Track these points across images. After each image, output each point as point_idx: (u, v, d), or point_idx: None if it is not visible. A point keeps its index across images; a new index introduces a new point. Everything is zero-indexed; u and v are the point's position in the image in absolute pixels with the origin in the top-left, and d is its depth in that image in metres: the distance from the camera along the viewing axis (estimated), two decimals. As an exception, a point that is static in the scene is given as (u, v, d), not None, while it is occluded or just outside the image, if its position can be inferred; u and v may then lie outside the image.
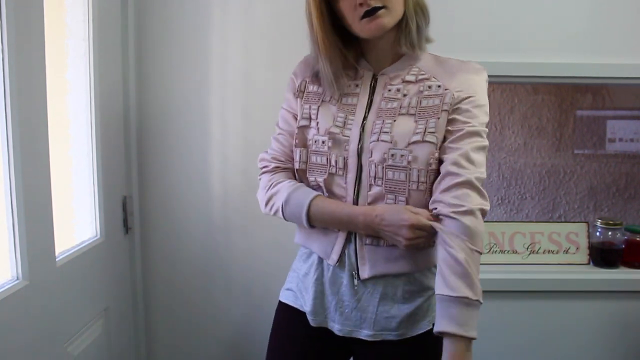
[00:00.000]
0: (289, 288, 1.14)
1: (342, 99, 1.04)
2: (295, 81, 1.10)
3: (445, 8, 1.55)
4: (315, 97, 1.06)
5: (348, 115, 1.02)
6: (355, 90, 1.04)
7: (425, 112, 0.98)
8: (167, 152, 1.58)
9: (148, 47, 1.55)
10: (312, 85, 1.07)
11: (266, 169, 1.10)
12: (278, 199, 1.04)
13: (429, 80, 1.01)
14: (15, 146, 0.97)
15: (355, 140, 1.00)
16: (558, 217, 2.29)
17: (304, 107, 1.06)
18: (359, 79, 1.05)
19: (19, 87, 0.97)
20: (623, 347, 1.69)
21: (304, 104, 1.06)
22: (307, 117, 1.05)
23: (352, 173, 1.00)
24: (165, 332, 1.66)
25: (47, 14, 1.08)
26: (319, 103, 1.05)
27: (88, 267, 1.31)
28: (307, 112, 1.05)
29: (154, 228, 1.61)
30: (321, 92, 1.05)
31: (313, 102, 1.06)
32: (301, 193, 1.02)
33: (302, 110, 1.05)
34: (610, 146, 2.26)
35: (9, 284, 0.98)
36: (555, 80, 1.59)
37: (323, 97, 1.05)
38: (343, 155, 1.00)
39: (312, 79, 1.07)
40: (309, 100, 1.06)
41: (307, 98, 1.06)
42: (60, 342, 1.16)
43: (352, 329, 1.04)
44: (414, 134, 0.96)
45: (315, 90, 1.06)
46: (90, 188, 1.36)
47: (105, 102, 1.39)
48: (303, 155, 1.04)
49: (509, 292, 1.65)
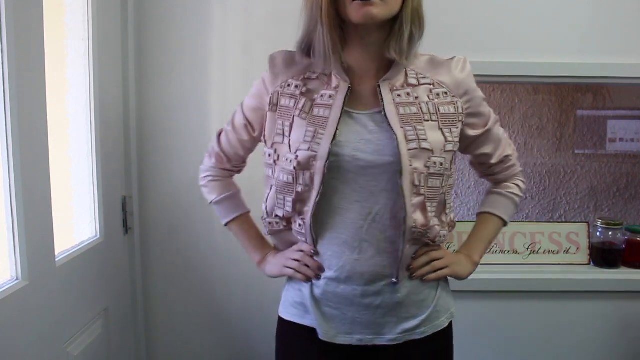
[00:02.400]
0: (293, 304, 1.08)
1: (314, 111, 0.97)
2: (267, 88, 1.03)
3: (445, 8, 1.55)
4: (287, 113, 1.00)
5: (318, 129, 0.95)
6: (329, 101, 0.96)
7: (447, 120, 0.98)
8: (167, 152, 1.58)
9: (148, 47, 1.55)
10: (284, 97, 1.00)
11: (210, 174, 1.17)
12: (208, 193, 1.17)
13: (434, 86, 1.00)
14: (15, 146, 0.97)
15: (324, 157, 0.94)
16: (558, 217, 2.29)
17: (277, 122, 1.00)
18: (332, 89, 0.97)
19: (18, 86, 0.97)
20: (623, 347, 1.68)
21: (277, 119, 1.01)
22: (281, 134, 1.00)
23: (315, 191, 0.96)
24: (165, 332, 1.66)
25: (47, 13, 1.08)
26: (291, 119, 0.99)
27: (88, 267, 1.31)
28: (281, 129, 1.00)
29: (154, 228, 1.61)
30: (292, 105, 0.99)
31: (285, 117, 1.00)
32: (227, 205, 1.16)
33: (276, 126, 1.01)
34: (611, 146, 2.26)
35: (8, 284, 0.98)
36: (555, 80, 1.59)
37: (294, 112, 0.99)
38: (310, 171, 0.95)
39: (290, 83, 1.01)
40: (281, 116, 1.00)
41: (280, 113, 1.01)
42: (60, 342, 1.16)
43: (374, 337, 1.02)
44: (446, 142, 0.97)
45: (287, 104, 1.00)
46: (90, 188, 1.36)
47: (105, 102, 1.39)
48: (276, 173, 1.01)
49: (509, 292, 1.65)
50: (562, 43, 1.56)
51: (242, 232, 1.16)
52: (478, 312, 1.67)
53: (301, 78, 1.01)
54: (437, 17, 1.54)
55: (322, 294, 1.02)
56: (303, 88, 1.00)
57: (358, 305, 1.00)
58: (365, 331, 1.02)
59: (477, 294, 1.65)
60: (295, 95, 0.99)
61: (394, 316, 1.01)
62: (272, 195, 1.03)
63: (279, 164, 1.00)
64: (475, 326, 1.67)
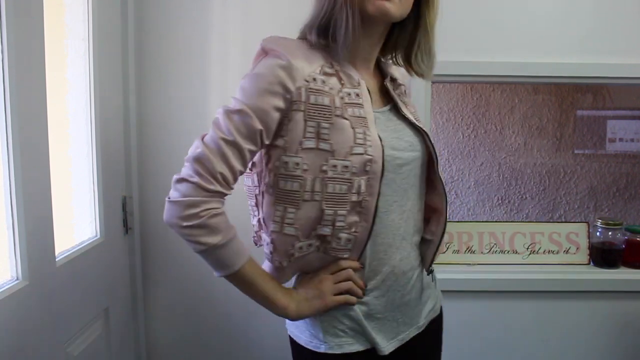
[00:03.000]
0: (338, 333, 0.95)
1: (348, 110, 0.87)
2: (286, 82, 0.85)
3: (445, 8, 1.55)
4: (323, 112, 0.85)
5: (366, 130, 0.87)
6: (358, 100, 0.89)
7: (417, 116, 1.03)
8: (167, 152, 1.58)
9: (148, 47, 1.55)
10: (314, 94, 0.85)
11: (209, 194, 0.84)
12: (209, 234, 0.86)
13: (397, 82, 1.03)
14: (15, 146, 0.97)
15: (380, 159, 0.87)
16: (558, 217, 2.29)
17: (308, 123, 0.85)
18: (356, 87, 0.90)
19: (18, 86, 0.97)
20: (623, 347, 1.68)
21: (308, 120, 0.85)
22: (314, 138, 0.85)
23: (373, 197, 0.88)
24: (165, 332, 1.66)
25: (47, 13, 1.08)
26: (331, 120, 0.85)
27: (88, 267, 1.31)
28: (315, 131, 0.85)
29: (154, 228, 1.61)
30: (328, 104, 0.86)
31: (323, 118, 0.85)
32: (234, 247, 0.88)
33: (306, 129, 0.85)
34: (611, 146, 2.26)
35: (8, 284, 0.98)
36: (555, 80, 1.59)
37: (334, 111, 0.86)
38: (366, 177, 0.87)
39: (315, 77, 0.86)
40: (314, 116, 0.85)
41: (312, 112, 0.85)
42: (60, 342, 1.16)
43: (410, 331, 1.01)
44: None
45: (321, 102, 0.86)
46: (90, 188, 1.36)
47: (105, 102, 1.38)
48: (317, 185, 0.86)
49: (509, 292, 1.65)
50: (562, 43, 1.56)
51: (260, 275, 0.92)
52: (478, 312, 1.67)
53: (323, 72, 0.88)
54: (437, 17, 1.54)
55: (371, 306, 0.95)
56: (329, 85, 0.88)
57: (400, 305, 0.98)
58: (404, 328, 1.00)
59: (477, 293, 1.65)
60: (328, 93, 0.86)
61: (420, 304, 1.03)
62: (308, 212, 0.87)
63: (316, 173, 0.85)
64: (475, 326, 1.67)
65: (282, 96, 0.85)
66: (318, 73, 0.87)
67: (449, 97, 2.27)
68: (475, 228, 1.74)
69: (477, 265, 1.71)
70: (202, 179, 0.83)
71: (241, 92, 0.87)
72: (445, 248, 1.72)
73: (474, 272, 1.68)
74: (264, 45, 0.90)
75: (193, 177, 0.84)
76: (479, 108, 2.26)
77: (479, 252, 1.73)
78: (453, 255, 1.72)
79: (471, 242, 1.73)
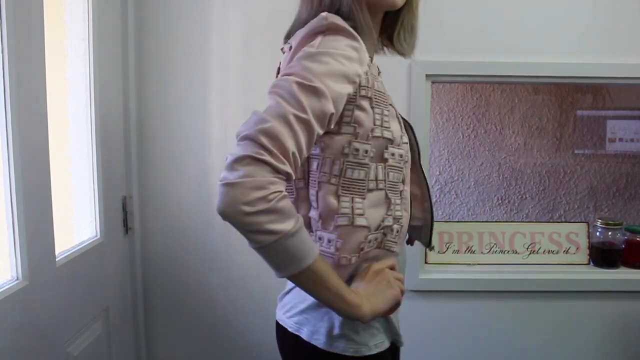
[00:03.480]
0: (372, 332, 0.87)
1: (389, 98, 0.87)
2: (358, 66, 0.78)
3: (445, 8, 1.55)
4: (385, 100, 0.84)
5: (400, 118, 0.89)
6: (385, 89, 0.88)
7: None
8: (167, 152, 1.58)
9: (148, 47, 1.55)
10: (376, 81, 0.84)
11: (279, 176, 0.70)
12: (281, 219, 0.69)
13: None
14: (15, 146, 0.97)
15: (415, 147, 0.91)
16: (558, 217, 2.29)
17: (375, 110, 0.82)
18: (379, 75, 0.89)
19: (18, 86, 0.97)
20: (622, 347, 1.69)
21: (375, 107, 0.82)
22: (380, 125, 0.82)
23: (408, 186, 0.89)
24: (165, 332, 1.66)
25: (47, 13, 1.08)
26: (388, 107, 0.85)
27: (88, 267, 1.31)
28: (380, 118, 0.82)
29: (154, 228, 1.61)
30: (383, 91, 0.85)
31: (384, 105, 0.84)
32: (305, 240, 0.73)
33: (374, 115, 0.82)
34: (611, 146, 2.26)
35: (8, 284, 0.98)
36: (555, 80, 1.59)
37: (388, 99, 0.86)
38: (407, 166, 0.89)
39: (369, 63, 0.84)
40: (379, 103, 0.83)
41: (378, 99, 0.83)
42: (60, 342, 1.16)
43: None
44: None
45: (381, 88, 0.84)
46: (90, 188, 1.36)
47: (105, 102, 1.39)
48: (380, 173, 0.83)
49: (509, 292, 1.65)
50: (562, 43, 1.56)
51: (330, 269, 0.77)
52: (478, 312, 1.67)
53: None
54: (437, 17, 1.55)
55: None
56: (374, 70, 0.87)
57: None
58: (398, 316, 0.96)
59: (477, 293, 1.65)
60: (381, 80, 0.87)
61: None
62: (374, 202, 0.82)
63: (378, 161, 0.82)
64: (475, 326, 1.67)
65: (353, 81, 0.77)
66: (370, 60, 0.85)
67: (449, 97, 2.27)
68: (475, 228, 1.74)
69: (477, 265, 1.71)
70: (272, 157, 0.67)
71: (307, 71, 0.73)
72: (445, 248, 1.72)
73: (474, 272, 1.68)
74: (329, 23, 0.78)
75: (262, 155, 0.67)
76: (479, 108, 2.26)
77: (479, 252, 1.73)
78: (453, 255, 1.72)
79: (471, 242, 1.73)
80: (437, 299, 1.66)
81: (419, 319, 1.64)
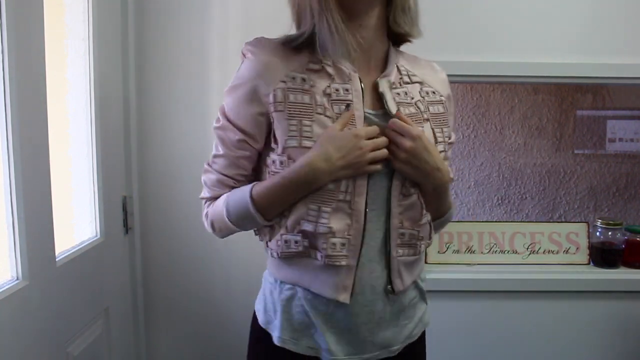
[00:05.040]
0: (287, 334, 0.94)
1: (334, 108, 0.86)
2: (261, 91, 0.86)
3: (445, 8, 1.55)
4: (305, 110, 0.85)
5: (351, 127, 0.85)
6: (347, 96, 0.86)
7: (437, 120, 0.94)
8: (167, 152, 1.58)
9: (148, 46, 1.55)
10: (294, 93, 0.85)
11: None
12: (217, 209, 0.94)
13: (423, 84, 0.96)
14: (15, 146, 0.97)
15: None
16: (558, 217, 2.29)
17: (290, 122, 0.85)
18: (346, 82, 0.87)
19: (18, 86, 0.97)
20: (623, 347, 1.68)
21: (289, 119, 0.85)
22: (297, 136, 0.84)
23: (361, 196, 0.87)
24: (165, 332, 1.66)
25: (47, 13, 1.08)
26: (313, 117, 0.85)
27: (88, 267, 1.31)
28: (297, 129, 0.84)
29: (154, 228, 1.61)
30: (309, 102, 0.85)
31: (304, 116, 0.85)
32: (238, 190, 0.91)
33: (288, 127, 0.85)
34: (611, 146, 2.26)
35: (9, 284, 0.98)
36: (555, 80, 1.59)
37: (315, 109, 0.85)
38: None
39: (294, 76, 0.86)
40: (296, 114, 0.85)
41: (293, 111, 0.85)
42: (60, 342, 1.16)
43: (380, 353, 0.94)
44: (438, 143, 0.92)
45: (301, 100, 0.85)
46: (90, 188, 1.36)
47: (105, 102, 1.39)
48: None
49: (509, 292, 1.65)
50: (562, 43, 1.56)
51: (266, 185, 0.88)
52: (478, 312, 1.67)
53: (305, 70, 0.87)
54: (437, 17, 1.54)
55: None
56: (311, 82, 0.86)
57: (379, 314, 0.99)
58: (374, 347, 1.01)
59: (477, 293, 1.65)
60: (308, 91, 0.86)
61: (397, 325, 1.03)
62: (295, 206, 0.87)
63: None
64: (475, 326, 1.67)
65: (259, 101, 0.87)
66: (299, 72, 0.87)
67: (449, 97, 2.27)
68: (475, 228, 1.74)
69: (477, 265, 1.71)
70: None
71: (225, 105, 0.92)
72: (445, 248, 1.72)
73: (474, 272, 1.68)
74: (242, 49, 0.91)
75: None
76: (479, 108, 2.26)
77: (479, 252, 1.73)
78: (453, 255, 1.72)
79: (471, 242, 1.73)
80: (437, 299, 1.66)
81: (419, 319, 1.64)
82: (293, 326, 0.93)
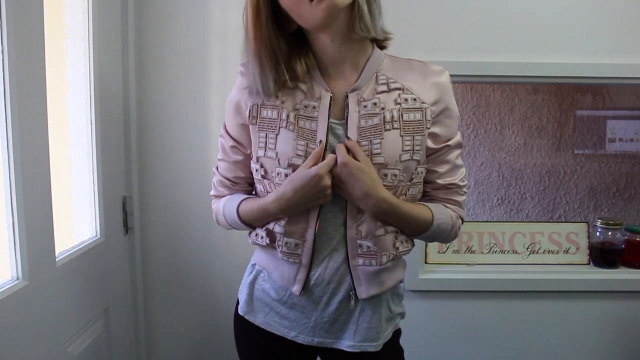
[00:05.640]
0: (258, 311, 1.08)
1: (299, 122, 0.94)
2: (242, 106, 0.99)
3: (445, 8, 1.55)
4: (271, 124, 0.96)
5: (309, 143, 0.93)
6: (313, 113, 0.94)
7: (409, 127, 0.94)
8: (167, 152, 1.58)
9: (148, 46, 1.55)
10: (265, 109, 0.96)
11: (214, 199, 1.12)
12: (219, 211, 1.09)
13: (403, 91, 0.95)
14: (15, 146, 0.97)
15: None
16: (558, 217, 2.29)
17: (259, 134, 0.97)
18: (315, 99, 0.95)
19: (18, 86, 0.97)
20: (623, 347, 1.69)
21: (259, 132, 0.97)
22: (263, 147, 0.96)
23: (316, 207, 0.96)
24: (165, 332, 1.66)
25: (47, 13, 1.08)
26: (277, 131, 0.95)
27: (88, 267, 1.31)
28: (264, 141, 0.96)
29: (154, 228, 1.61)
30: (276, 117, 0.96)
31: (270, 129, 0.96)
32: (231, 201, 1.04)
33: (258, 139, 0.97)
34: (611, 146, 2.26)
35: (9, 284, 0.98)
36: (555, 80, 1.59)
37: (280, 123, 0.95)
38: None
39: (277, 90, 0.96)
40: (264, 128, 0.96)
41: (262, 125, 0.97)
42: (60, 342, 1.16)
43: (333, 341, 1.04)
44: (403, 152, 0.93)
45: (270, 115, 0.96)
46: (90, 188, 1.36)
47: (105, 102, 1.39)
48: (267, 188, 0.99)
49: (509, 292, 1.65)
50: (562, 43, 1.56)
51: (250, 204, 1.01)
52: (478, 312, 1.67)
53: (282, 88, 0.96)
54: (438, 17, 1.55)
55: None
56: (283, 98, 0.95)
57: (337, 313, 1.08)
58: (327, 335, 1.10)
59: (477, 293, 1.65)
60: (277, 106, 0.96)
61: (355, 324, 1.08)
62: None
63: (269, 178, 0.97)
64: (475, 326, 1.67)
65: (242, 114, 1.00)
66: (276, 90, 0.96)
67: (448, 97, 2.27)
68: (475, 228, 1.74)
69: (477, 265, 1.71)
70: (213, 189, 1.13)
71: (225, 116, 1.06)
72: (445, 248, 1.72)
73: (474, 272, 1.68)
74: (239, 69, 1.02)
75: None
76: (479, 108, 2.26)
77: (479, 252, 1.73)
78: (453, 255, 1.72)
79: (471, 242, 1.73)
80: (437, 299, 1.66)
81: (419, 318, 1.65)
82: (254, 301, 1.08)
